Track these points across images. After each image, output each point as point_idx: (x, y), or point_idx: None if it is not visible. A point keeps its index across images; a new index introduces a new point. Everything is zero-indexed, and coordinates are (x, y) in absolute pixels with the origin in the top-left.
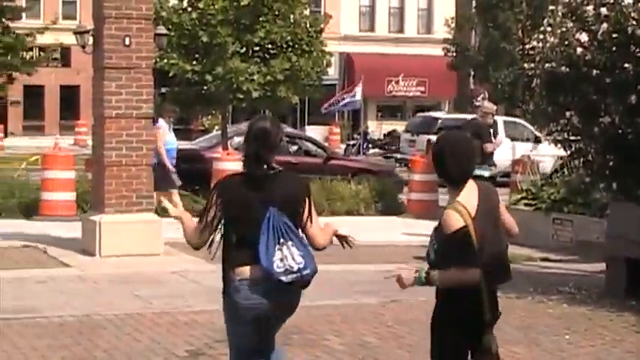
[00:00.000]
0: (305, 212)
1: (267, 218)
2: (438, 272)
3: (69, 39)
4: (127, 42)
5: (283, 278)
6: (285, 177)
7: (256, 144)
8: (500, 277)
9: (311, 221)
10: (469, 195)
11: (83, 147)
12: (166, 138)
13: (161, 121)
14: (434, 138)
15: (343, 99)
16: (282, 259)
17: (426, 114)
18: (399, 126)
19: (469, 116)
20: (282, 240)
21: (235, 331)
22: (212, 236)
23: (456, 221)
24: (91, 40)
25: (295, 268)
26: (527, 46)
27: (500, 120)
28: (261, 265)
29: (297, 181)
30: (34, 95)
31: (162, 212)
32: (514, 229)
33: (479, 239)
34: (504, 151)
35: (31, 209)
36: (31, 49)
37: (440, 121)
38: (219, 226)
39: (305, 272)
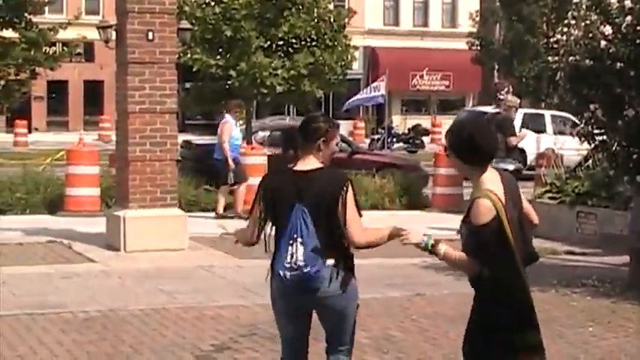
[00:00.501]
0: (340, 209)
1: (289, 215)
2: (445, 248)
3: (92, 34)
4: (150, 37)
5: (288, 274)
6: (325, 174)
7: (299, 129)
8: (526, 260)
9: (346, 218)
10: (495, 181)
11: (107, 142)
12: (232, 133)
13: (227, 116)
14: None
15: (366, 94)
16: (291, 256)
17: (473, 108)
18: (424, 120)
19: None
20: (295, 236)
21: (276, 318)
22: (262, 229)
23: (486, 214)
24: (114, 35)
25: (296, 265)
26: (551, 40)
27: (547, 114)
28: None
29: (335, 178)
30: (57, 91)
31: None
32: (535, 218)
33: (510, 225)
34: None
35: (55, 205)
36: (54, 44)
37: (486, 115)
38: (267, 219)
39: (305, 270)
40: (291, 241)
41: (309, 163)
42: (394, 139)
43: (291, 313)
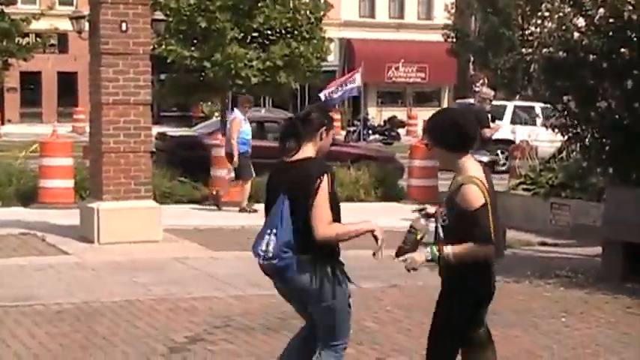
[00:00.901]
0: (310, 200)
1: (274, 205)
2: (452, 248)
3: (66, 25)
4: (124, 27)
5: (263, 262)
6: (308, 165)
7: (300, 119)
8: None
9: (312, 210)
10: (477, 169)
11: (81, 134)
12: (243, 128)
13: (236, 112)
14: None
15: (342, 87)
16: (267, 244)
17: (463, 100)
18: (399, 112)
19: (506, 103)
20: (273, 225)
21: None
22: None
23: (478, 198)
24: (87, 26)
25: (270, 254)
26: (526, 32)
27: (537, 106)
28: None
29: (314, 169)
30: (31, 82)
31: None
32: None
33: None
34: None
35: (29, 197)
36: (27, 34)
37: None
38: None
39: (275, 262)
40: (268, 231)
41: (303, 153)
42: (370, 131)
43: (283, 295)
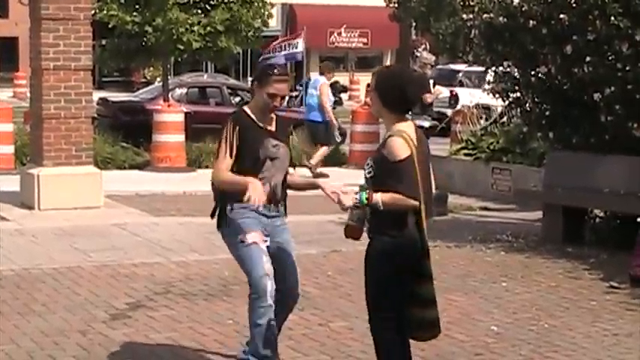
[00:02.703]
0: None
1: None
2: (381, 194)
3: None
4: None
5: None
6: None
7: None
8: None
9: None
10: (409, 128)
11: (22, 99)
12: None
13: (322, 78)
14: (456, 90)
15: (282, 48)
16: None
17: (444, 66)
18: (342, 77)
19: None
20: None
21: None
22: None
23: (404, 149)
24: None
25: None
26: None
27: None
28: None
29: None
30: None
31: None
32: (433, 185)
33: (419, 169)
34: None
35: None
36: None
37: (460, 73)
38: None
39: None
40: None
41: None
42: None
43: None
